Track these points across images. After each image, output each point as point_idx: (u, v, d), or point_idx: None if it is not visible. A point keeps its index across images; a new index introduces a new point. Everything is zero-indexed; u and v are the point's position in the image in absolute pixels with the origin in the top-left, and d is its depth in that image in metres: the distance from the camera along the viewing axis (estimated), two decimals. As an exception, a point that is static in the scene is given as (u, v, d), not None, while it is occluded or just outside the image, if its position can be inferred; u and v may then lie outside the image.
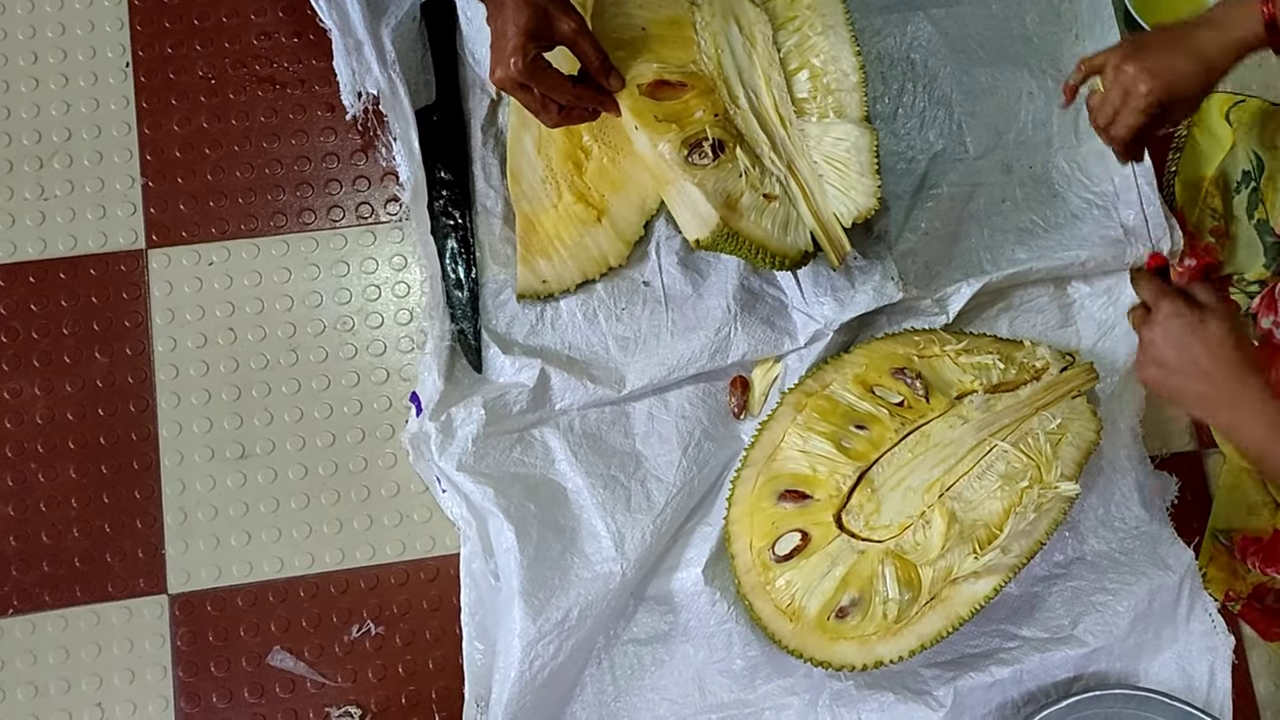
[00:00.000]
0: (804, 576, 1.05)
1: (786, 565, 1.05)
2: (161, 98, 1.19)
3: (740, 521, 1.08)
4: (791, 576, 1.05)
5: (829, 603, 1.04)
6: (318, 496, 1.13)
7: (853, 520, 1.06)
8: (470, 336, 1.13)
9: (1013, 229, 1.21)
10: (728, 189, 1.02)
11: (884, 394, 1.10)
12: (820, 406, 1.10)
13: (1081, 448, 1.10)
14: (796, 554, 1.05)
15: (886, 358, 1.12)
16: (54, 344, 1.14)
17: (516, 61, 0.90)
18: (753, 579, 1.06)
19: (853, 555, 1.04)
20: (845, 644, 1.04)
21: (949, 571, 1.04)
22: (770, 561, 1.05)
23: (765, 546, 1.06)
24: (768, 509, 1.07)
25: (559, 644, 1.03)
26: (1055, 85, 1.23)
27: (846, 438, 1.08)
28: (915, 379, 1.10)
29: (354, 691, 1.10)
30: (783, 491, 1.07)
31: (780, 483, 1.08)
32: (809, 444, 1.08)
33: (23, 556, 1.11)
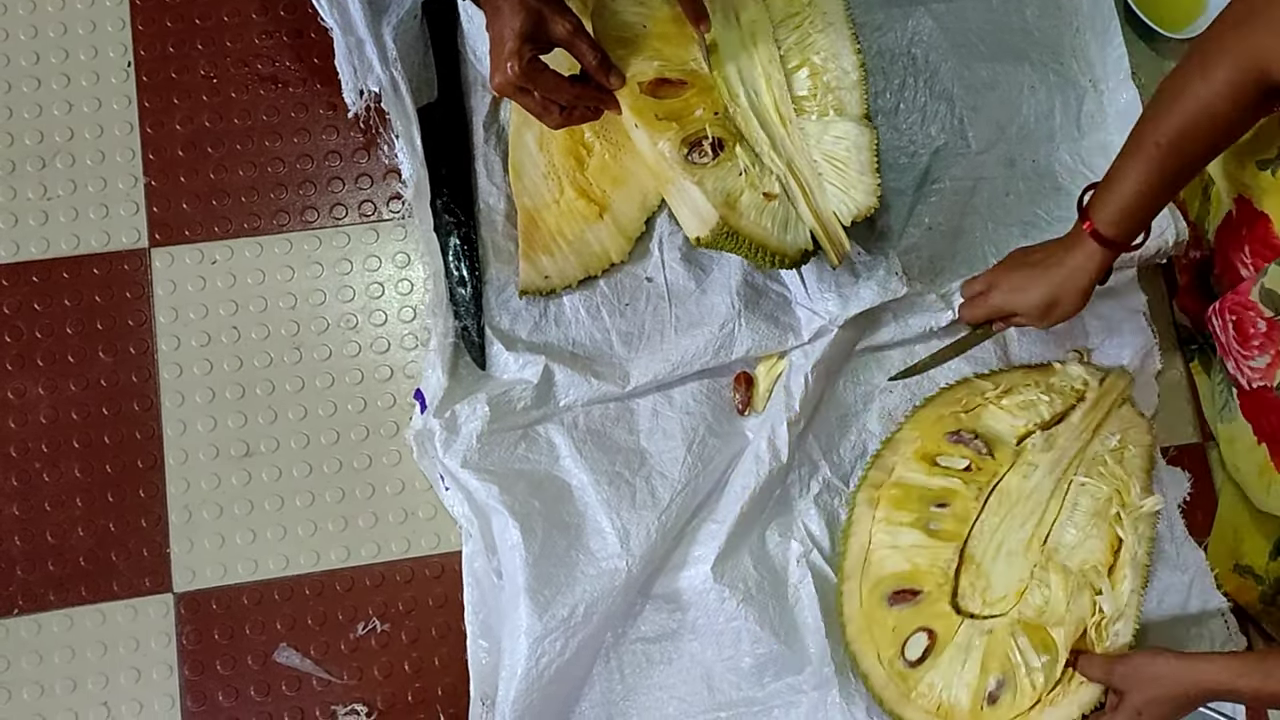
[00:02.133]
0: (943, 674, 1.06)
1: (922, 667, 1.06)
2: (164, 97, 1.20)
3: (860, 639, 1.09)
4: (932, 678, 1.06)
5: (977, 691, 1.05)
6: (322, 494, 1.15)
7: (969, 602, 1.07)
8: (474, 333, 1.15)
9: (1016, 223, 1.22)
10: (727, 188, 1.03)
11: (949, 463, 1.11)
12: (894, 496, 1.11)
13: (1144, 454, 1.11)
14: (928, 654, 1.06)
15: (936, 423, 1.13)
16: (58, 343, 1.16)
17: (513, 65, 0.92)
18: (893, 692, 1.07)
19: (982, 637, 1.05)
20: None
21: (1080, 624, 1.05)
22: (905, 669, 1.07)
23: (894, 655, 1.07)
24: (883, 617, 1.08)
25: (565, 641, 1.05)
26: (1057, 79, 1.25)
27: (932, 520, 1.09)
28: (973, 438, 1.11)
29: (360, 689, 1.12)
30: (891, 594, 1.08)
31: (885, 586, 1.09)
32: (898, 539, 1.09)
33: (28, 556, 1.12)
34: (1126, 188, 0.97)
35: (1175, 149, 0.94)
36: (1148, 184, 0.96)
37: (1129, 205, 0.98)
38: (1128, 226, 1.00)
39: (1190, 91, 0.92)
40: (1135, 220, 0.99)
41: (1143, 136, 0.95)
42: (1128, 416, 1.13)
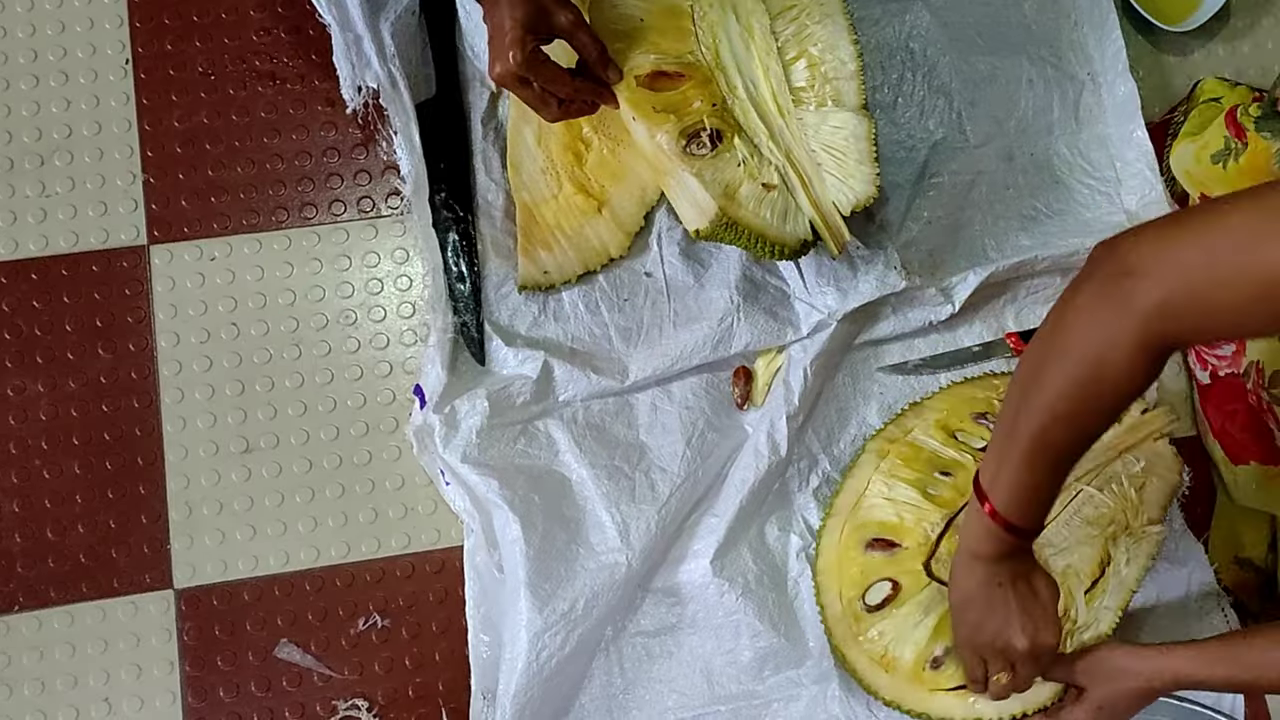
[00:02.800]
0: (896, 626, 1.07)
1: (878, 615, 1.07)
2: (161, 94, 1.21)
3: (828, 572, 1.10)
4: (884, 627, 1.07)
5: (922, 652, 1.06)
6: (322, 490, 1.16)
7: (942, 568, 1.07)
8: (473, 329, 1.15)
9: (1016, 216, 1.23)
10: (726, 179, 1.04)
11: (967, 439, 1.12)
12: (904, 454, 1.12)
13: (1165, 491, 1.10)
14: (888, 603, 1.07)
15: (966, 402, 1.14)
16: (57, 341, 1.16)
17: (515, 55, 0.92)
18: (844, 629, 1.08)
19: (943, 603, 1.05)
20: (944, 697, 1.05)
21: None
22: (861, 611, 1.07)
23: (855, 596, 1.08)
24: (856, 558, 1.09)
25: (565, 635, 1.06)
26: (1054, 72, 1.25)
27: (932, 485, 1.10)
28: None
29: (361, 684, 1.12)
30: (870, 540, 1.09)
31: (867, 531, 1.10)
32: (894, 492, 1.10)
33: (28, 553, 1.13)
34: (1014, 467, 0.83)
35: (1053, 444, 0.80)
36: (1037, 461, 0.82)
37: (1024, 486, 0.84)
38: (1030, 511, 0.86)
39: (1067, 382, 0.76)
40: (1039, 501, 0.86)
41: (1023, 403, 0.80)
42: (1162, 452, 1.11)
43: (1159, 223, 0.74)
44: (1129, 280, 0.71)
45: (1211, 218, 0.70)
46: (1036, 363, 0.79)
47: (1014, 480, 0.84)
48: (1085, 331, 0.74)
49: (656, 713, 1.11)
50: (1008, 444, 0.82)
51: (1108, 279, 0.73)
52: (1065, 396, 0.77)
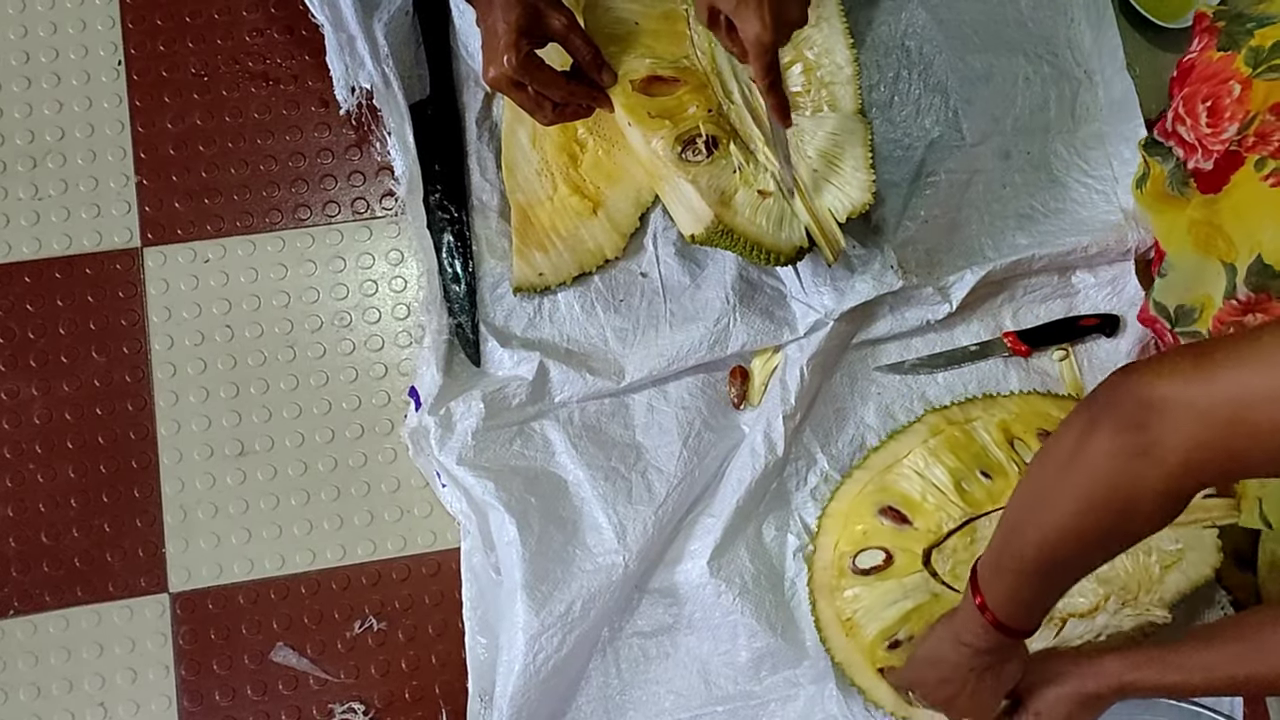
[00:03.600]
0: (873, 597, 1.08)
1: (861, 580, 1.08)
2: (154, 95, 1.22)
3: (834, 517, 1.11)
4: (862, 593, 1.08)
5: (886, 630, 1.07)
6: (317, 493, 1.16)
7: (941, 562, 1.08)
8: (468, 330, 1.16)
9: (1013, 215, 1.23)
10: (721, 185, 1.04)
11: (1021, 450, 1.12)
12: (955, 439, 1.12)
13: (1191, 579, 1.08)
14: (874, 572, 1.08)
15: (1037, 415, 1.13)
16: (50, 344, 1.17)
17: (510, 59, 0.92)
18: (825, 579, 1.09)
19: (926, 595, 1.07)
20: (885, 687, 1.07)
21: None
22: (848, 569, 1.08)
23: (849, 552, 1.09)
24: (865, 517, 1.10)
25: (562, 636, 1.06)
26: (1051, 70, 1.26)
27: (968, 480, 1.10)
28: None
29: (357, 687, 1.13)
30: (886, 507, 1.10)
31: (887, 497, 1.10)
32: (930, 471, 1.11)
33: (23, 557, 1.14)
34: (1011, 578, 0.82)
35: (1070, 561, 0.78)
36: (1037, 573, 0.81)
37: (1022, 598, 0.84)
38: (1023, 619, 0.86)
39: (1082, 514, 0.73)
40: (1032, 612, 0.85)
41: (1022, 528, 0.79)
42: (1205, 540, 1.08)
43: (1180, 357, 0.68)
44: (1152, 428, 0.67)
45: (1241, 347, 0.65)
46: (1048, 489, 0.76)
47: (1011, 591, 0.83)
48: (1107, 477, 0.70)
49: (653, 714, 1.12)
50: (1010, 557, 0.81)
51: (1129, 423, 0.68)
52: (1082, 531, 0.74)
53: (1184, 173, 1.06)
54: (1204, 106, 1.00)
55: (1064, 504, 0.74)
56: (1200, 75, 1.02)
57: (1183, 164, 1.06)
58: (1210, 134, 1.00)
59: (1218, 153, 1.00)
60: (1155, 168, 1.10)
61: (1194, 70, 1.03)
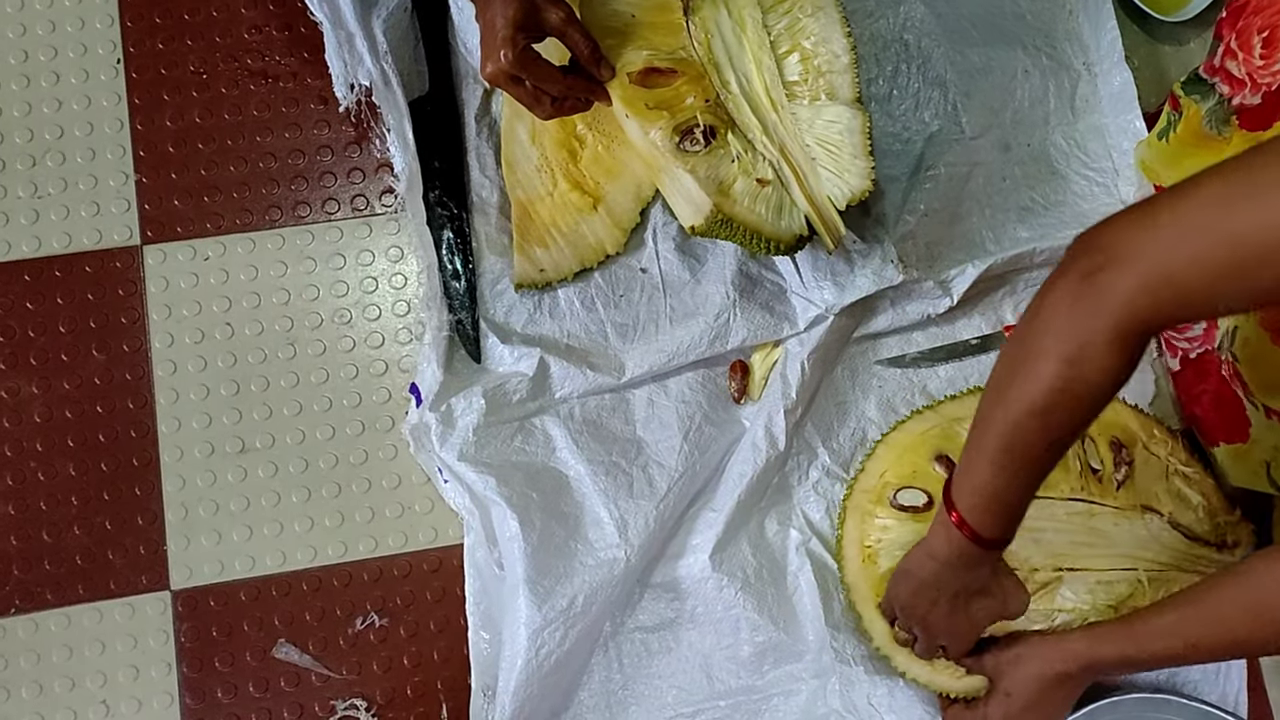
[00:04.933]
0: (900, 532, 1.09)
1: (895, 514, 1.10)
2: (153, 93, 1.23)
3: (892, 447, 1.13)
4: (891, 525, 1.09)
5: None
6: (318, 490, 1.18)
7: None
8: (468, 326, 1.17)
9: (1014, 208, 1.25)
10: (720, 175, 1.05)
11: (1090, 450, 1.12)
12: None
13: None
14: (911, 511, 1.09)
15: (1118, 425, 1.13)
16: (51, 342, 1.18)
17: (507, 54, 0.93)
18: (862, 501, 1.11)
19: None
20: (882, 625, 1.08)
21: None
22: (887, 499, 1.10)
23: (893, 484, 1.10)
24: (920, 459, 1.11)
25: (565, 631, 1.08)
26: (1050, 63, 1.27)
27: None
28: (1127, 464, 1.12)
29: (359, 684, 1.14)
30: (942, 455, 1.11)
31: (947, 446, 1.12)
32: None
33: (24, 555, 1.15)
34: (983, 476, 0.84)
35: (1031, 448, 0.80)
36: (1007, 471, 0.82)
37: (993, 496, 0.85)
38: (999, 523, 0.87)
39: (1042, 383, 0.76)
40: (1007, 513, 0.87)
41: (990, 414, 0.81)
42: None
43: (1132, 208, 0.74)
44: (1103, 271, 0.72)
45: (1183, 190, 0.70)
46: (1010, 361, 0.79)
47: (982, 485, 0.84)
48: (1060, 325, 0.74)
49: (655, 708, 1.13)
50: (979, 446, 0.82)
51: (1082, 271, 0.73)
52: (1040, 394, 0.76)
53: (1226, 110, 1.05)
54: (1259, 38, 1.00)
55: (1027, 365, 0.76)
56: (1256, 7, 1.01)
57: (1226, 100, 1.04)
58: (1263, 66, 0.99)
59: (1267, 86, 0.99)
60: (1191, 108, 1.09)
61: (1249, 5, 1.03)
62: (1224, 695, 1.15)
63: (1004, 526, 0.88)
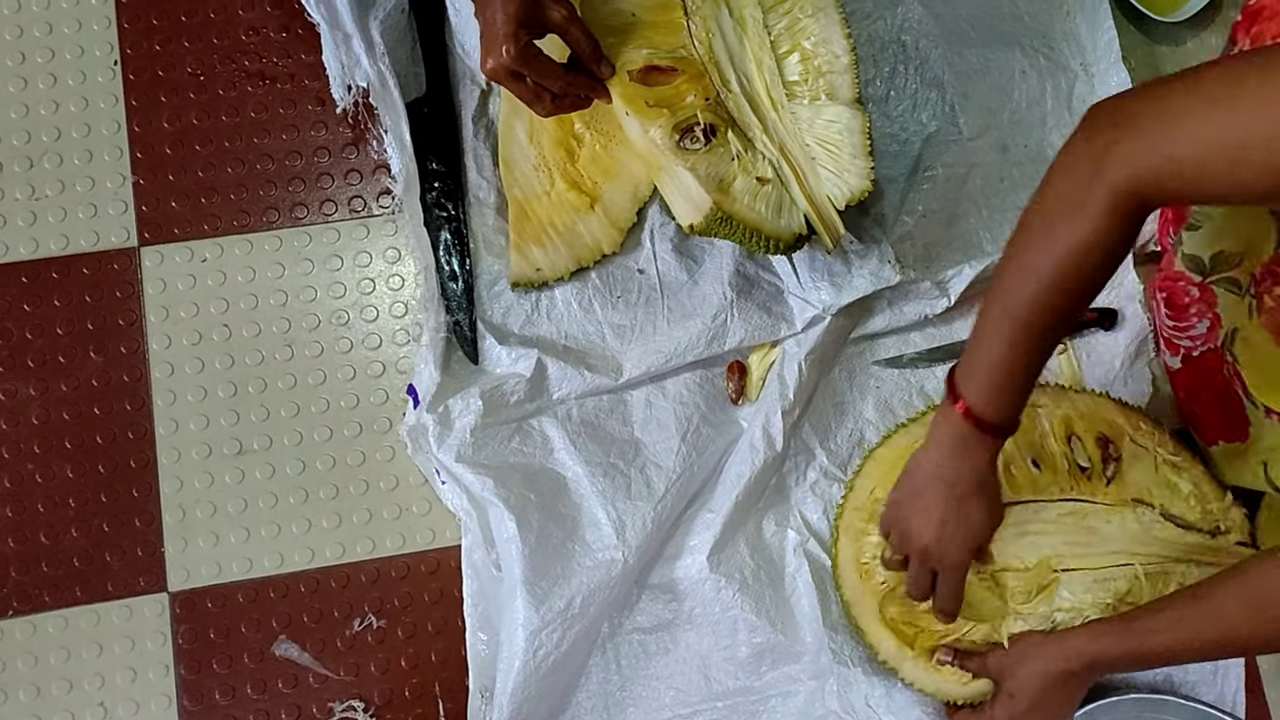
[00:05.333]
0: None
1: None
2: (150, 95, 1.24)
3: (879, 462, 1.12)
4: (884, 542, 1.08)
5: (896, 588, 1.08)
6: (316, 491, 1.18)
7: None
8: (466, 328, 1.18)
9: (1011, 208, 1.25)
10: (720, 173, 1.06)
11: (1078, 450, 1.12)
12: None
13: None
14: None
15: (1103, 420, 1.13)
16: (48, 344, 1.19)
17: (509, 49, 0.94)
18: (854, 520, 1.11)
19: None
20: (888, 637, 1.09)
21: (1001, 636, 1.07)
22: (878, 514, 1.09)
23: (883, 500, 1.09)
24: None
25: (562, 632, 1.08)
26: (1047, 63, 1.28)
27: (1016, 464, 1.11)
28: (1115, 459, 1.12)
29: (357, 685, 1.15)
30: None
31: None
32: None
33: (21, 557, 1.15)
34: (993, 356, 0.86)
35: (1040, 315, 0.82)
36: (1018, 348, 0.84)
37: (1003, 377, 0.86)
38: (1005, 403, 0.88)
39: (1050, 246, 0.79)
40: (1014, 393, 0.88)
41: (1001, 296, 0.84)
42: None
43: (1146, 84, 0.77)
44: (1111, 142, 0.75)
45: (1195, 74, 0.73)
46: (1024, 232, 0.82)
47: (995, 364, 0.85)
48: (1067, 189, 0.77)
49: (653, 709, 1.13)
50: (993, 324, 0.85)
51: (1089, 138, 0.77)
52: (1045, 262, 0.79)
53: None
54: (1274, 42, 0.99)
55: (1033, 235, 0.80)
56: (1271, 12, 1.02)
57: None
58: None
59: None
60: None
61: (1263, 10, 1.03)
62: (1221, 696, 1.16)
63: (1011, 408, 0.89)
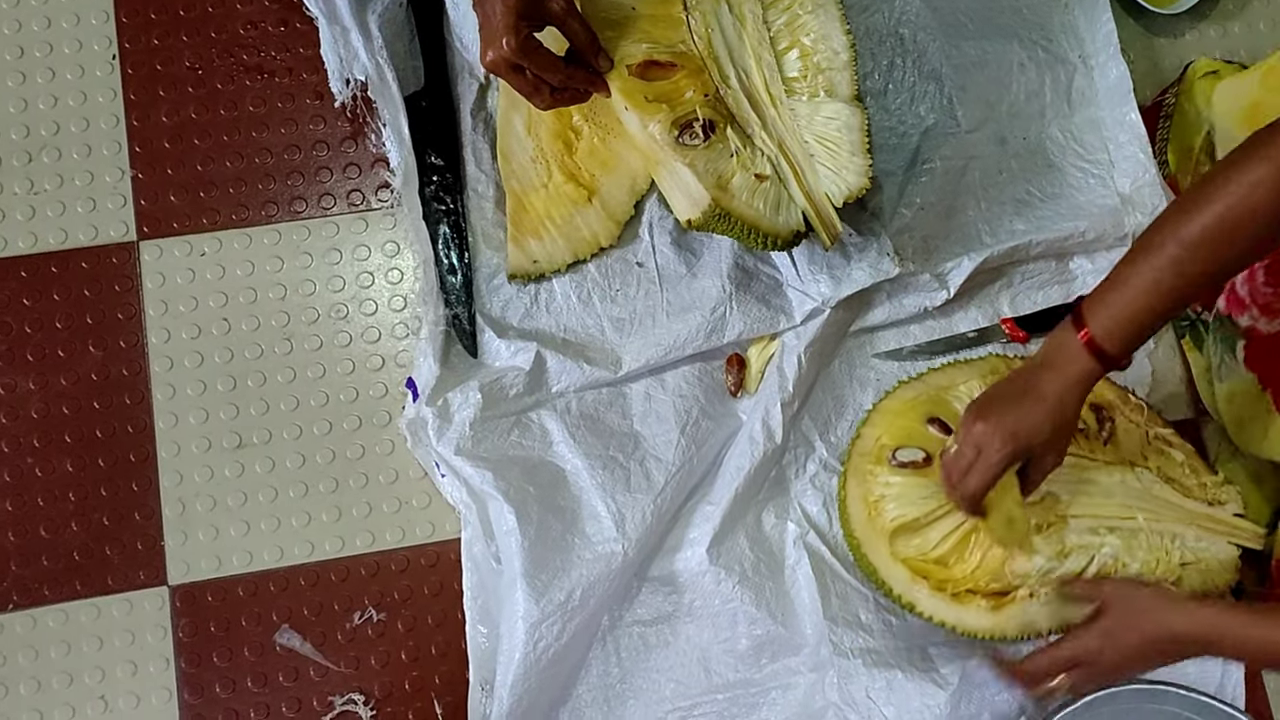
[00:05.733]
0: (903, 489, 1.10)
1: (896, 471, 1.11)
2: (149, 89, 1.24)
3: (883, 414, 1.14)
4: (894, 481, 1.10)
5: (906, 523, 1.09)
6: (316, 485, 1.18)
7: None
8: (465, 321, 1.18)
9: (1010, 201, 1.25)
10: (719, 169, 1.06)
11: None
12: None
13: (1205, 585, 1.11)
14: (911, 468, 1.10)
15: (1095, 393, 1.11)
16: (47, 338, 1.19)
17: (509, 41, 0.94)
18: (861, 464, 1.12)
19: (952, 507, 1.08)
20: (899, 569, 1.09)
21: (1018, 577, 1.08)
22: (886, 459, 1.11)
23: (890, 445, 1.12)
24: (913, 422, 1.13)
25: (562, 625, 1.08)
26: (1046, 55, 1.28)
27: None
28: (1110, 421, 1.14)
29: (357, 678, 1.15)
30: (934, 418, 1.12)
31: (938, 409, 1.13)
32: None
33: (21, 551, 1.16)
34: (1133, 293, 0.90)
35: (1205, 247, 0.86)
36: (1161, 289, 0.89)
37: (1135, 313, 0.90)
38: (1128, 339, 0.92)
39: (1239, 178, 0.84)
40: (1139, 332, 0.92)
41: (1162, 232, 0.88)
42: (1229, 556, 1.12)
43: None
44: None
45: None
46: (1203, 180, 0.87)
47: (1133, 302, 0.90)
48: (1256, 136, 0.84)
49: (654, 702, 1.14)
50: (1147, 266, 0.89)
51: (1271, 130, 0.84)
52: (1222, 195, 0.85)
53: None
54: None
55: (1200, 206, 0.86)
56: None
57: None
58: None
59: None
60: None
61: None
62: (1221, 687, 1.16)
63: (1131, 347, 0.93)
